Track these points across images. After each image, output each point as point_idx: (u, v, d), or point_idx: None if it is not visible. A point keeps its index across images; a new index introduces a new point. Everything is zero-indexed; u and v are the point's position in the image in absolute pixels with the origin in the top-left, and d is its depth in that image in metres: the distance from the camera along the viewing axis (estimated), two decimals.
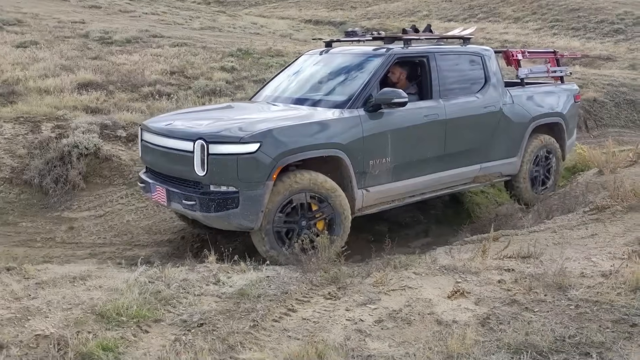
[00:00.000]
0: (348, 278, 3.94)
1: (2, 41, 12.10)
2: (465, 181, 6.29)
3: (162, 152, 5.08)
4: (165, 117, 5.68)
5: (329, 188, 4.90)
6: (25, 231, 5.97)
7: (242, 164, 4.52)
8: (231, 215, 4.59)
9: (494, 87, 6.34)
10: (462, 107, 6.01)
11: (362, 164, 5.17)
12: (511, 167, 6.67)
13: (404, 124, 5.47)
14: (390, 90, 5.24)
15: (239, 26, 22.40)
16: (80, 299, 3.30)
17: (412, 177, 5.67)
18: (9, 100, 8.42)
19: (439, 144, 5.83)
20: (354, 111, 5.17)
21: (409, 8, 39.21)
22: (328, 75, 6.02)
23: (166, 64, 11.30)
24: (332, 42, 6.57)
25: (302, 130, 4.84)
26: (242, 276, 3.83)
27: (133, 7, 21.57)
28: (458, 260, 4.31)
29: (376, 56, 5.66)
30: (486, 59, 6.38)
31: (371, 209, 5.49)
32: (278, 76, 6.53)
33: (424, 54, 5.88)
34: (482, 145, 6.26)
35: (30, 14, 15.88)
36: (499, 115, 6.35)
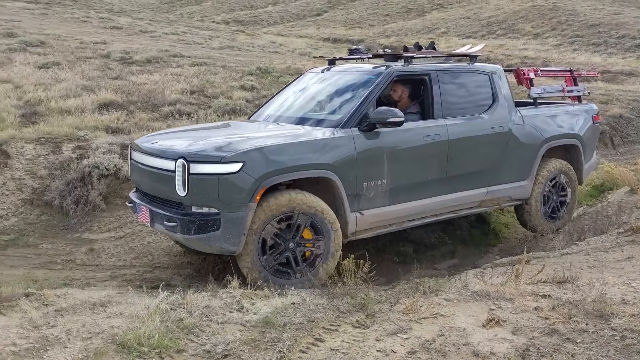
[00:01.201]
0: (376, 304, 3.77)
1: (26, 62, 12.23)
2: (470, 205, 5.98)
3: (146, 171, 4.96)
4: (154, 136, 5.52)
5: (318, 208, 4.69)
6: (46, 253, 5.91)
7: (223, 184, 4.35)
8: (212, 238, 4.41)
9: (502, 107, 6.05)
10: (466, 128, 5.73)
11: (355, 185, 4.94)
12: (521, 191, 6.32)
13: (402, 145, 5.24)
14: (385, 110, 5.01)
15: (257, 45, 22.52)
16: (100, 327, 3.19)
17: (411, 200, 5.40)
18: (31, 121, 8.45)
19: (441, 166, 5.55)
20: (347, 131, 4.96)
21: (427, 25, 39.24)
22: (326, 94, 5.85)
23: (186, 84, 11.33)
24: (335, 60, 6.42)
25: (289, 150, 4.63)
26: (267, 302, 3.69)
27: (153, 28, 21.82)
28: (490, 285, 4.12)
29: (373, 75, 5.47)
30: (494, 77, 6.11)
31: (366, 233, 5.23)
32: (279, 94, 6.39)
33: (425, 73, 5.65)
34: (489, 168, 5.96)
35: (52, 35, 16.10)
36: (507, 136, 6.04)
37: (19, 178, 6.81)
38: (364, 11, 47.10)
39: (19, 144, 7.30)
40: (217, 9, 53.17)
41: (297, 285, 4.48)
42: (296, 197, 4.62)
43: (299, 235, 4.66)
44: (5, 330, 3.05)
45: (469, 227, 7.25)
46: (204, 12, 50.92)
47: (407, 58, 5.63)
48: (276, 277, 4.58)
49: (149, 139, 5.34)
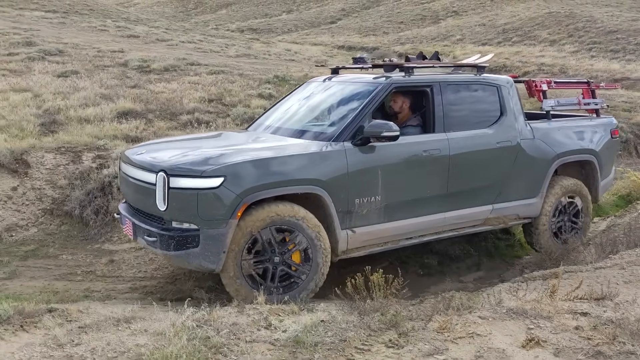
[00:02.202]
0: (408, 322, 3.64)
1: (44, 71, 12.27)
2: (473, 223, 5.68)
3: (131, 183, 4.83)
4: (142, 146, 5.38)
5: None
6: (66, 264, 5.83)
7: (203, 199, 4.17)
8: (191, 255, 4.24)
9: (510, 121, 5.76)
10: (470, 142, 5.46)
11: (347, 202, 4.72)
12: (530, 209, 6.00)
13: (398, 160, 5.00)
14: (380, 123, 4.79)
15: (273, 53, 22.52)
16: (125, 346, 3.08)
17: (408, 218, 5.15)
18: (50, 130, 8.42)
19: (441, 182, 5.30)
20: (340, 144, 4.75)
21: (442, 33, 39.11)
22: (324, 105, 5.66)
23: (204, 92, 11.28)
24: (339, 69, 6.19)
25: (273, 164, 4.44)
26: (295, 319, 3.56)
27: (170, 36, 21.90)
28: (525, 301, 3.98)
29: (371, 86, 5.24)
30: (502, 89, 5.81)
31: (359, 251, 4.97)
32: (279, 104, 6.19)
33: (426, 84, 5.39)
34: (494, 184, 5.67)
35: (70, 44, 16.18)
36: (515, 151, 5.74)
37: (39, 188, 6.77)
38: (378, 19, 47.09)
39: (39, 153, 7.27)
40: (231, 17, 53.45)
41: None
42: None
43: (287, 254, 4.50)
44: (30, 349, 2.96)
45: (494, 238, 7.08)
46: (218, 21, 51.20)
47: (408, 69, 5.40)
48: (247, 283, 4.41)
49: (136, 150, 5.19)
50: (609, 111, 10.08)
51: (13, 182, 6.74)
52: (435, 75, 5.65)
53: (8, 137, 7.70)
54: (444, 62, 6.12)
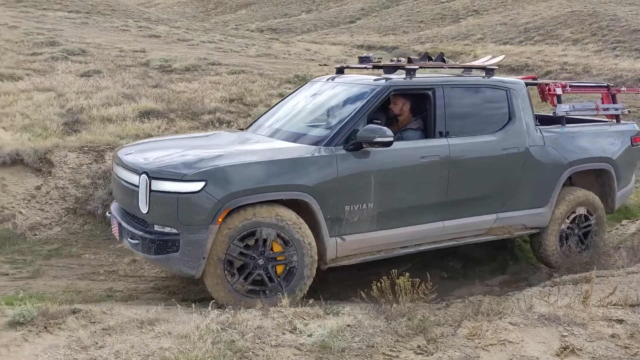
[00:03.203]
0: (436, 327, 3.55)
1: (67, 70, 12.36)
2: (475, 232, 5.43)
3: (118, 183, 4.79)
4: (133, 146, 5.31)
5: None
6: (89, 263, 5.83)
7: (183, 204, 4.08)
8: (171, 259, 4.16)
9: (518, 126, 5.49)
10: (472, 148, 5.23)
11: (336, 209, 4.55)
12: (538, 219, 5.70)
13: (393, 166, 4.81)
14: (373, 128, 4.60)
15: (293, 52, 22.48)
16: (149, 349, 3.04)
17: (403, 226, 4.94)
18: (74, 129, 8.46)
19: (440, 190, 5.08)
20: (331, 149, 4.58)
21: (462, 32, 38.77)
22: (322, 107, 5.51)
23: (225, 92, 11.26)
24: (344, 69, 5.98)
25: (257, 169, 4.30)
26: (320, 323, 3.49)
27: (191, 36, 21.99)
28: (557, 307, 3.86)
29: (369, 88, 5.05)
30: (512, 93, 5.54)
31: (349, 259, 4.80)
32: (280, 103, 6.04)
33: (428, 86, 5.18)
34: (499, 192, 5.43)
35: (93, 44, 16.30)
36: (523, 157, 5.47)
37: (62, 187, 6.79)
38: (397, 18, 46.85)
39: (62, 152, 7.29)
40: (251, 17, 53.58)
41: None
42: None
43: (271, 264, 4.39)
44: (54, 351, 2.93)
45: (520, 241, 6.94)
46: (238, 21, 51.35)
47: (409, 71, 5.16)
48: (224, 267, 4.30)
49: (126, 149, 5.12)
50: (630, 116, 9.83)
51: (37, 181, 6.77)
52: (438, 77, 5.44)
53: (32, 136, 7.74)
54: (449, 64, 5.88)
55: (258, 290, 4.36)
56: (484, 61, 6.16)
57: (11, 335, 3.13)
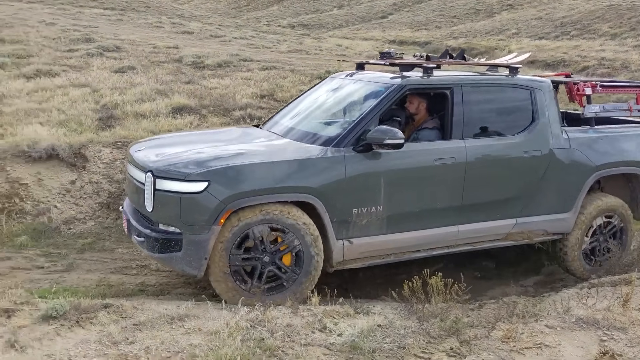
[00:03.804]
0: (469, 329, 3.47)
1: (102, 66, 12.55)
2: (493, 237, 5.23)
3: (129, 180, 4.79)
4: (145, 142, 5.28)
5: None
6: (121, 257, 5.89)
7: (186, 204, 4.06)
8: (174, 258, 4.15)
9: (542, 128, 5.24)
10: (491, 150, 5.03)
11: (343, 211, 4.44)
12: (561, 225, 5.43)
13: (404, 169, 4.65)
14: (383, 129, 4.44)
15: (324, 48, 22.42)
16: (179, 345, 3.04)
17: (414, 230, 4.78)
18: (108, 125, 8.57)
19: (454, 193, 4.89)
20: (339, 150, 4.45)
21: (497, 26, 38.15)
22: (337, 105, 5.39)
23: (256, 88, 11.28)
24: (364, 65, 5.80)
25: (261, 170, 4.22)
26: (351, 323, 3.44)
27: (223, 32, 22.13)
28: (595, 310, 3.73)
29: (383, 87, 4.88)
30: (537, 93, 5.27)
31: (356, 262, 4.67)
32: (298, 99, 5.91)
33: (445, 85, 4.97)
34: (519, 196, 5.19)
35: (127, 40, 16.52)
36: (546, 160, 5.22)
37: (96, 182, 6.88)
38: (430, 13, 46.36)
39: (97, 147, 7.39)
40: (283, 13, 53.72)
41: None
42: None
43: (277, 256, 4.30)
44: (85, 345, 2.95)
45: None
46: (270, 17, 51.54)
47: (427, 69, 4.96)
48: (234, 278, 4.25)
49: (138, 145, 5.12)
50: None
51: (72, 176, 6.87)
52: (456, 76, 5.20)
53: (67, 131, 7.87)
54: (470, 62, 5.70)
55: (276, 286, 4.33)
56: (509, 59, 5.95)
57: (44, 329, 3.17)
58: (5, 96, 9.64)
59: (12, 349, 2.90)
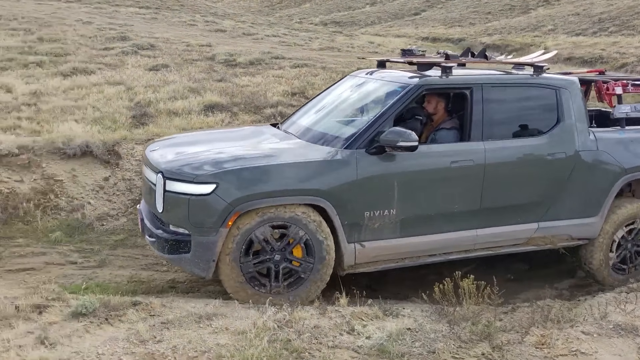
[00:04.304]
0: (501, 333, 3.38)
1: (137, 64, 12.71)
2: (514, 242, 5.07)
3: (143, 179, 4.80)
4: (161, 141, 5.28)
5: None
6: (152, 254, 5.91)
7: (194, 205, 4.06)
8: (183, 260, 4.16)
9: (568, 129, 5.05)
10: (512, 152, 4.87)
11: (354, 214, 4.36)
12: (587, 230, 5.22)
13: (418, 171, 4.54)
14: (397, 131, 4.33)
15: (356, 45, 22.32)
16: (206, 345, 3.03)
17: (430, 234, 4.67)
18: (141, 122, 8.67)
19: (473, 196, 4.75)
20: (352, 152, 4.37)
21: (532, 23, 37.43)
22: (353, 105, 5.28)
23: (287, 85, 11.28)
24: (385, 62, 5.67)
25: (271, 172, 4.18)
26: (379, 325, 3.39)
27: (255, 30, 22.22)
28: (634, 316, 3.60)
29: (399, 87, 4.75)
30: (562, 92, 5.06)
31: (369, 266, 4.56)
32: (317, 97, 5.82)
33: (465, 85, 4.82)
34: (542, 200, 5.02)
35: (162, 38, 16.72)
36: (571, 163, 5.03)
37: (129, 179, 6.96)
38: (464, 9, 45.77)
39: (130, 144, 7.47)
40: (315, 10, 53.71)
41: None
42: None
43: (287, 252, 4.25)
44: (113, 343, 2.97)
45: None
46: (302, 14, 51.60)
47: (445, 68, 4.81)
48: (251, 285, 4.21)
49: (153, 145, 5.12)
50: None
51: (105, 173, 6.96)
52: (477, 75, 5.05)
53: (101, 128, 7.98)
54: (492, 60, 5.50)
55: (295, 280, 4.31)
56: (534, 57, 5.76)
57: (73, 326, 3.20)
58: (42, 94, 9.84)
59: (42, 345, 2.94)
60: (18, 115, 8.43)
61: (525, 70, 5.31)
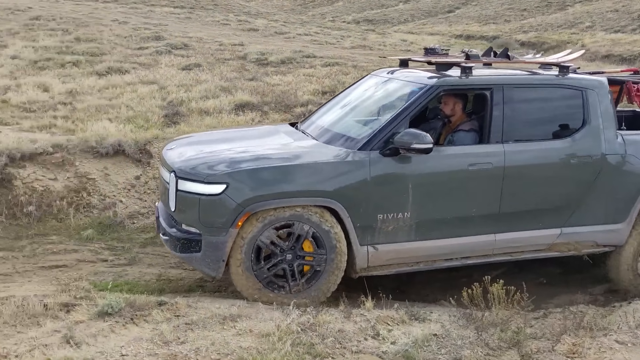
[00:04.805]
0: (531, 341, 3.29)
1: (170, 64, 12.87)
2: (535, 247, 4.91)
3: (160, 177, 4.84)
4: (178, 140, 5.30)
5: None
6: None
7: (204, 205, 4.07)
8: (193, 259, 4.18)
9: (594, 131, 4.86)
10: (534, 155, 4.72)
11: (367, 217, 4.28)
12: (613, 237, 5.02)
13: (434, 174, 4.44)
14: (411, 133, 4.24)
15: (389, 43, 22.18)
16: (229, 347, 3.02)
17: (446, 238, 4.56)
18: (173, 121, 8.76)
19: (491, 200, 4.61)
20: (365, 154, 4.30)
21: (569, 19, 36.64)
22: (370, 105, 5.17)
23: (318, 84, 11.26)
24: (407, 61, 5.51)
25: (282, 173, 4.16)
26: (405, 330, 3.34)
27: (288, 29, 22.28)
28: None
29: (416, 87, 4.64)
30: (589, 94, 4.88)
31: (382, 269, 4.48)
32: (337, 97, 5.72)
33: (485, 86, 4.69)
34: (565, 205, 4.86)
35: (195, 37, 16.89)
36: (597, 167, 4.86)
37: (159, 177, 7.03)
38: (499, 6, 45.07)
39: (161, 143, 7.53)
40: (348, 8, 53.58)
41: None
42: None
43: (298, 249, 4.21)
44: (136, 344, 2.98)
45: None
46: (335, 13, 51.55)
47: (465, 69, 4.65)
48: (270, 290, 4.19)
49: (170, 144, 5.15)
50: None
51: (136, 171, 7.05)
52: (497, 76, 4.93)
53: (134, 127, 8.09)
54: (515, 60, 5.31)
55: (312, 275, 4.28)
56: (560, 56, 5.56)
57: (99, 326, 3.23)
58: (78, 93, 10.05)
59: (67, 344, 2.98)
60: (54, 114, 8.62)
61: (551, 71, 5.17)
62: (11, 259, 5.40)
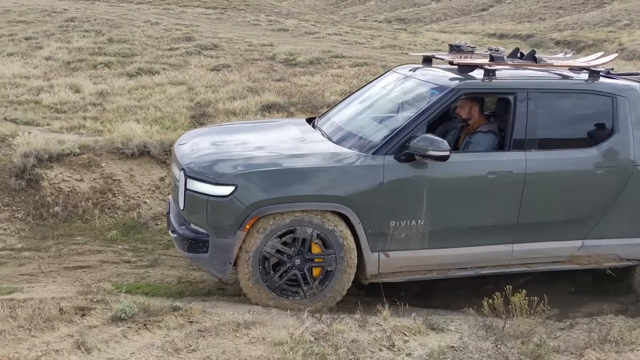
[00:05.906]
0: (554, 355, 3.16)
1: (199, 65, 12.96)
2: (554, 259, 4.77)
3: (172, 173, 4.77)
4: (189, 134, 5.23)
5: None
6: None
7: (212, 206, 4.02)
8: (200, 259, 4.17)
9: (623, 140, 4.67)
10: (556, 164, 4.56)
11: (378, 223, 4.18)
12: (637, 251, 4.89)
13: (450, 181, 4.32)
14: (429, 139, 4.11)
15: (419, 43, 21.91)
16: (240, 356, 2.99)
17: (460, 247, 4.43)
18: (200, 122, 8.81)
19: (510, 210, 4.47)
20: (379, 158, 4.18)
21: (606, 17, 35.64)
22: (387, 104, 5.04)
23: (345, 85, 11.19)
24: (431, 59, 5.35)
25: (292, 176, 4.08)
26: (422, 341, 3.25)
27: (317, 29, 22.22)
28: None
29: (436, 89, 4.49)
30: (619, 100, 4.66)
31: (394, 277, 4.38)
32: (357, 92, 5.58)
33: (509, 90, 4.52)
34: (588, 216, 4.69)
35: (225, 38, 16.98)
36: (625, 178, 4.67)
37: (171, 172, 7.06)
38: (534, 4, 44.15)
39: None
40: (380, 7, 53.23)
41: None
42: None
43: (305, 252, 4.15)
44: (147, 351, 2.97)
45: None
46: (367, 12, 51.28)
47: (489, 72, 4.48)
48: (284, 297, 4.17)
49: (182, 138, 5.09)
50: None
51: (161, 173, 7.09)
52: (522, 80, 4.73)
53: (160, 128, 8.14)
54: (542, 63, 5.13)
55: (324, 277, 4.23)
56: (591, 59, 5.33)
57: (112, 331, 3.24)
58: (108, 94, 10.18)
59: (78, 350, 2.99)
60: (84, 115, 8.75)
61: (581, 74, 4.95)
62: (37, 259, 5.49)
